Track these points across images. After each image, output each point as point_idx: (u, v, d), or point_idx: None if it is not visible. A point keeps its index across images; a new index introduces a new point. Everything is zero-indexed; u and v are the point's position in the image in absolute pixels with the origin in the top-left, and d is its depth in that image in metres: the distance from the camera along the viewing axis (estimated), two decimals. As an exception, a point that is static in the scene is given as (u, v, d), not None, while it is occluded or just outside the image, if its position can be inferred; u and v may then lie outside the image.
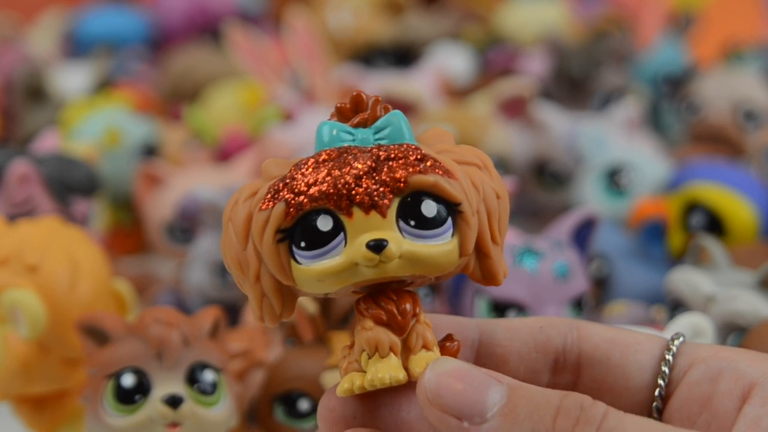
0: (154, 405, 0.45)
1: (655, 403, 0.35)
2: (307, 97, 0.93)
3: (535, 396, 0.31)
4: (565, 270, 0.56)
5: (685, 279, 0.54)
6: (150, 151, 0.85)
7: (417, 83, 0.95)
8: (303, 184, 0.32)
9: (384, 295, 0.33)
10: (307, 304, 0.52)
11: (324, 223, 0.32)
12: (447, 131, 0.35)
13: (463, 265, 0.34)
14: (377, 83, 0.94)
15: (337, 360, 0.51)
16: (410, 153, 0.33)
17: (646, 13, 1.11)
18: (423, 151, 0.33)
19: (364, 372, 0.33)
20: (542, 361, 0.36)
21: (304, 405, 0.51)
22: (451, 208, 0.33)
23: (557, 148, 0.82)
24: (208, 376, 0.47)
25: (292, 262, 0.33)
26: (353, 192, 0.32)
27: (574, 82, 0.90)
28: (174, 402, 0.45)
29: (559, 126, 0.83)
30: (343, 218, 0.32)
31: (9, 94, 0.97)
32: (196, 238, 0.69)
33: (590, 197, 0.77)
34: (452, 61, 1.06)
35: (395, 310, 0.33)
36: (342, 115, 0.34)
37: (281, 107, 0.88)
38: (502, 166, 0.81)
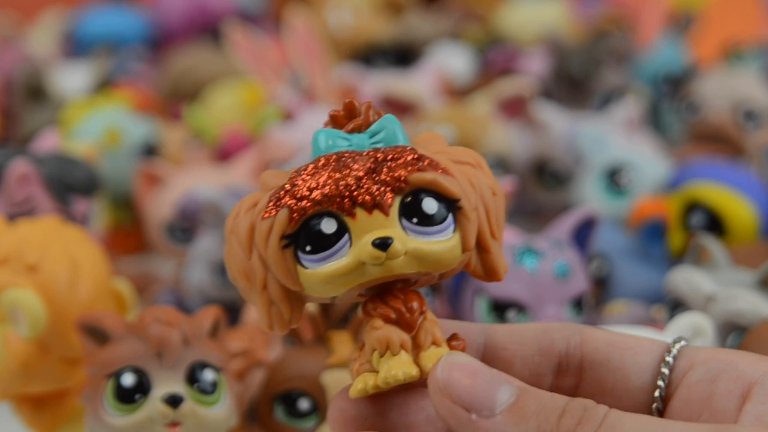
0: (154, 404, 0.45)
1: (655, 405, 0.35)
2: (307, 97, 0.93)
3: (544, 398, 0.32)
4: (565, 269, 0.56)
5: (685, 278, 0.54)
6: (150, 150, 0.85)
7: (417, 83, 0.95)
8: (305, 189, 0.32)
9: (391, 295, 0.34)
10: (307, 304, 0.51)
11: (328, 226, 0.32)
12: (439, 134, 0.36)
13: (466, 261, 0.34)
14: (377, 83, 0.94)
15: (337, 359, 0.51)
16: (407, 153, 0.33)
17: (646, 13, 1.11)
18: (419, 152, 0.33)
19: (376, 372, 0.33)
20: (546, 364, 0.37)
21: (304, 404, 0.51)
22: (451, 205, 0.33)
23: (557, 147, 0.82)
24: (208, 375, 0.47)
25: (299, 267, 0.33)
26: (355, 193, 0.32)
27: (574, 82, 0.91)
28: (174, 401, 0.45)
29: (559, 126, 0.83)
30: (347, 219, 0.32)
31: (9, 94, 0.97)
32: (196, 237, 0.69)
33: (590, 197, 0.77)
34: (452, 60, 1.06)
35: (403, 308, 0.33)
36: (336, 122, 0.35)
37: (281, 107, 0.88)
38: (502, 165, 0.81)
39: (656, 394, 0.35)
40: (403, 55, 1.12)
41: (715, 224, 0.70)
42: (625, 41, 1.00)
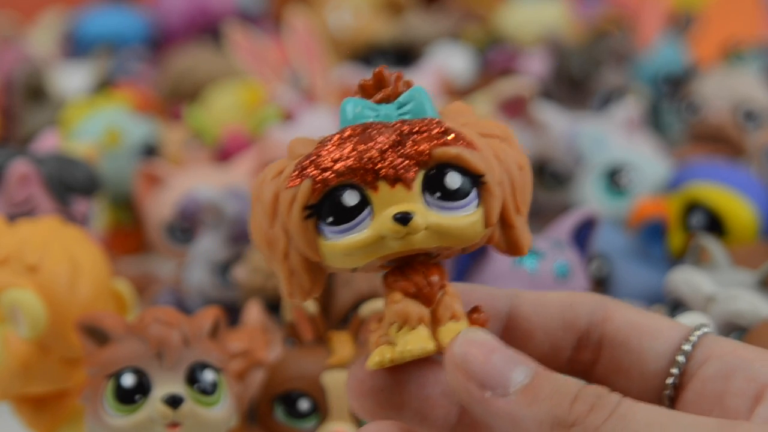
0: (154, 405, 0.45)
1: (667, 392, 0.35)
2: (307, 97, 0.93)
3: (558, 381, 0.31)
4: (565, 270, 0.56)
5: (685, 279, 0.54)
6: (150, 151, 0.85)
7: (417, 83, 0.95)
8: (329, 160, 0.32)
9: (411, 268, 0.33)
10: (307, 304, 0.52)
11: (350, 198, 0.32)
12: (467, 105, 0.36)
13: (488, 235, 0.34)
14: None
15: (337, 359, 0.51)
16: (433, 126, 0.33)
17: (646, 13, 1.11)
18: (446, 125, 0.33)
19: (394, 345, 0.33)
20: (567, 338, 0.37)
21: (304, 405, 0.51)
22: (475, 180, 0.33)
23: (557, 148, 0.82)
24: (208, 376, 0.47)
25: (320, 239, 0.33)
26: (378, 166, 0.32)
27: (574, 82, 0.90)
28: (174, 402, 0.45)
29: (559, 126, 0.83)
30: (369, 192, 0.32)
31: (9, 94, 0.97)
32: (196, 238, 0.69)
33: (590, 197, 0.77)
34: (452, 60, 1.06)
35: (423, 282, 0.33)
36: (365, 91, 0.35)
37: (281, 107, 0.88)
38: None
39: (669, 381, 0.35)
40: (403, 55, 1.12)
41: (715, 224, 0.70)
42: (625, 41, 1.00)
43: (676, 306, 0.55)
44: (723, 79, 0.89)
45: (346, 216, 0.32)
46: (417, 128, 0.33)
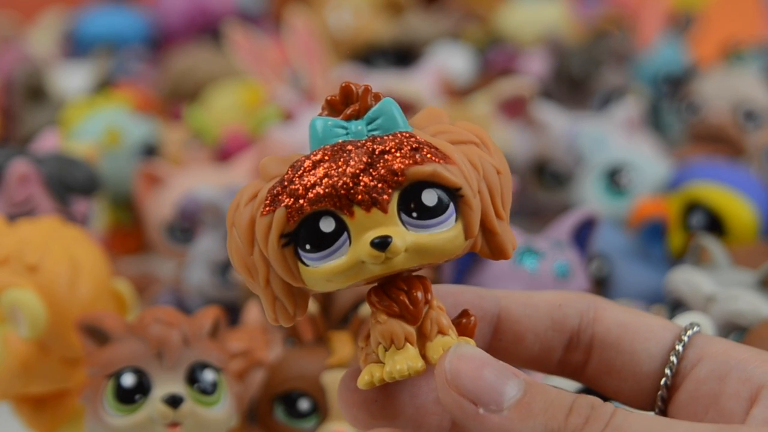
0: (154, 405, 0.45)
1: (660, 392, 0.35)
2: (307, 97, 0.93)
3: (551, 394, 0.31)
4: (566, 270, 0.56)
5: (686, 279, 0.54)
6: (150, 151, 0.85)
7: (417, 83, 0.95)
8: (301, 188, 0.32)
9: (394, 286, 0.33)
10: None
11: (326, 225, 0.32)
12: (440, 110, 0.35)
13: (470, 246, 0.34)
14: (377, 83, 0.94)
15: (337, 359, 0.51)
16: (405, 143, 0.32)
17: (646, 13, 1.11)
18: (418, 138, 0.33)
19: (383, 363, 0.33)
20: (557, 339, 0.37)
21: (304, 405, 0.51)
22: (452, 193, 0.32)
23: (557, 148, 0.82)
24: (208, 375, 0.47)
25: (300, 264, 0.33)
26: (352, 191, 0.32)
27: (574, 82, 0.90)
28: (174, 402, 0.45)
29: (559, 126, 0.83)
30: (345, 218, 0.32)
31: (9, 94, 0.97)
32: (196, 238, 0.69)
33: (590, 197, 0.77)
34: (452, 60, 1.06)
35: (407, 301, 0.33)
36: (333, 108, 0.34)
37: (281, 107, 0.88)
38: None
39: (662, 382, 0.35)
40: (403, 55, 1.12)
41: (715, 224, 0.70)
42: (625, 41, 1.00)
43: (676, 306, 0.55)
44: (723, 79, 0.89)
45: (323, 243, 0.32)
46: (388, 146, 0.32)
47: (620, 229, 0.75)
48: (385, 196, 0.32)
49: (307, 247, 0.32)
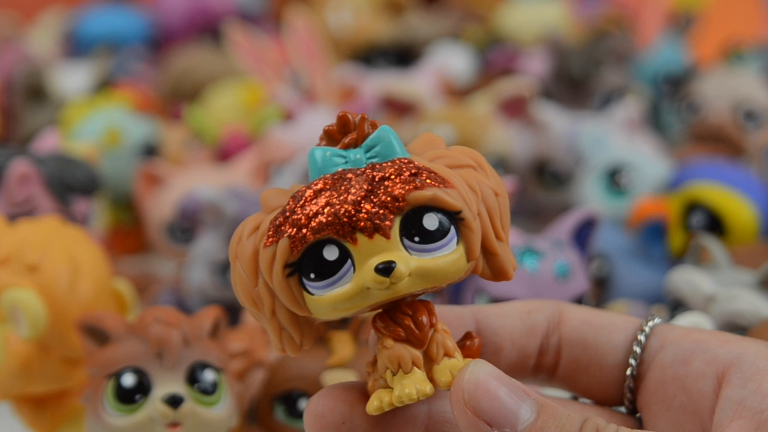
0: (154, 405, 0.45)
1: (627, 383, 0.36)
2: (307, 97, 0.93)
3: (561, 418, 0.32)
4: (566, 270, 0.56)
5: (686, 279, 0.54)
6: (150, 150, 0.85)
7: (417, 83, 0.95)
8: (303, 218, 0.32)
9: (399, 311, 0.34)
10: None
11: (330, 253, 0.32)
12: (437, 136, 0.36)
13: (473, 268, 0.34)
14: (377, 83, 0.94)
15: (337, 360, 0.51)
16: (404, 169, 0.33)
17: (646, 13, 1.11)
18: (416, 164, 0.33)
19: (391, 388, 0.33)
20: (531, 345, 0.38)
21: (304, 405, 0.51)
22: (453, 217, 0.33)
23: (557, 147, 0.82)
24: (209, 375, 0.47)
25: (305, 294, 0.33)
26: (354, 219, 0.32)
27: (575, 82, 0.90)
28: (174, 402, 0.45)
29: (560, 126, 0.83)
30: (348, 245, 0.32)
31: (9, 94, 0.97)
32: (196, 237, 0.69)
33: (590, 197, 0.77)
34: (452, 60, 1.06)
35: (412, 325, 0.33)
36: (330, 138, 0.35)
37: (281, 107, 0.88)
38: (502, 166, 0.81)
39: (628, 372, 0.36)
40: (403, 55, 1.12)
41: (715, 224, 0.70)
42: (625, 41, 1.00)
43: (676, 306, 0.55)
44: (723, 79, 0.89)
45: (327, 271, 0.32)
46: (388, 173, 0.33)
47: (620, 229, 0.75)
48: (387, 222, 0.32)
49: (312, 275, 0.32)
